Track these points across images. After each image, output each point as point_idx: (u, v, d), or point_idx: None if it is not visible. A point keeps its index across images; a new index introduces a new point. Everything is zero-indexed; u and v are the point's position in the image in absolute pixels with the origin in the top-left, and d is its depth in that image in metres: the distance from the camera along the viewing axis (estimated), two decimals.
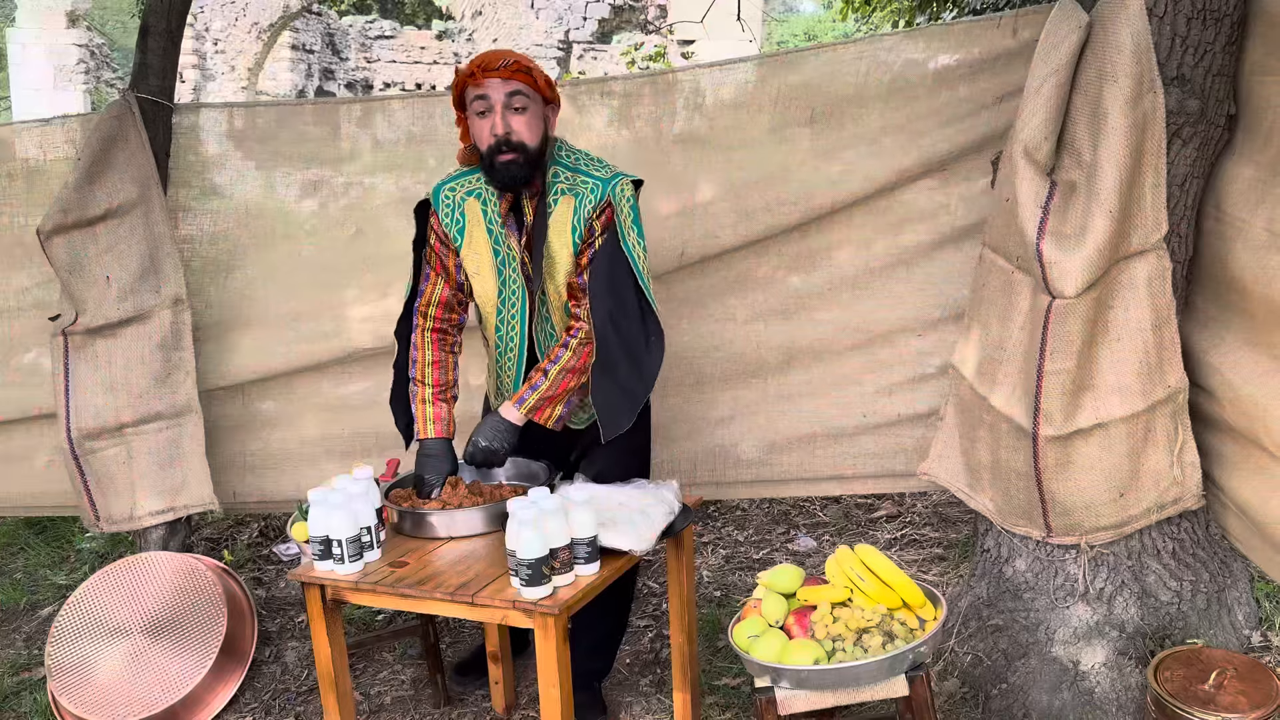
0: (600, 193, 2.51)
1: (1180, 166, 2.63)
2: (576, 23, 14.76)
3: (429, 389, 2.67)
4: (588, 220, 2.52)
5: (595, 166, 2.58)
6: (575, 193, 2.54)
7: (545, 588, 2.17)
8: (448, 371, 2.70)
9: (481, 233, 2.60)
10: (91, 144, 3.30)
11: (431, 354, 2.68)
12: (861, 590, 2.32)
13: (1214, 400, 2.71)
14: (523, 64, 2.47)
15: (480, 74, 2.45)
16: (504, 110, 2.45)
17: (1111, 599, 2.79)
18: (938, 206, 3.20)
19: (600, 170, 2.57)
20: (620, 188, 2.54)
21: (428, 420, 2.65)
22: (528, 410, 2.55)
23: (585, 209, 2.52)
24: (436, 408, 2.66)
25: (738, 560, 3.87)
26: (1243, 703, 2.30)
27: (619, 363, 2.48)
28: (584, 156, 2.61)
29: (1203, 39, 2.54)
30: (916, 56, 3.10)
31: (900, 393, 3.33)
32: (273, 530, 4.33)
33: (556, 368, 2.54)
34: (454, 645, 3.44)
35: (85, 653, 3.14)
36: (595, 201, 2.51)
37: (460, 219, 2.61)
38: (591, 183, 2.53)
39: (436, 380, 2.67)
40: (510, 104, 2.45)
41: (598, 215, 2.52)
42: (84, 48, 14.47)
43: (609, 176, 2.55)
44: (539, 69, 2.50)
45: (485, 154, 2.50)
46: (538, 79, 2.48)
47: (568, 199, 2.54)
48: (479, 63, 2.47)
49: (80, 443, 3.39)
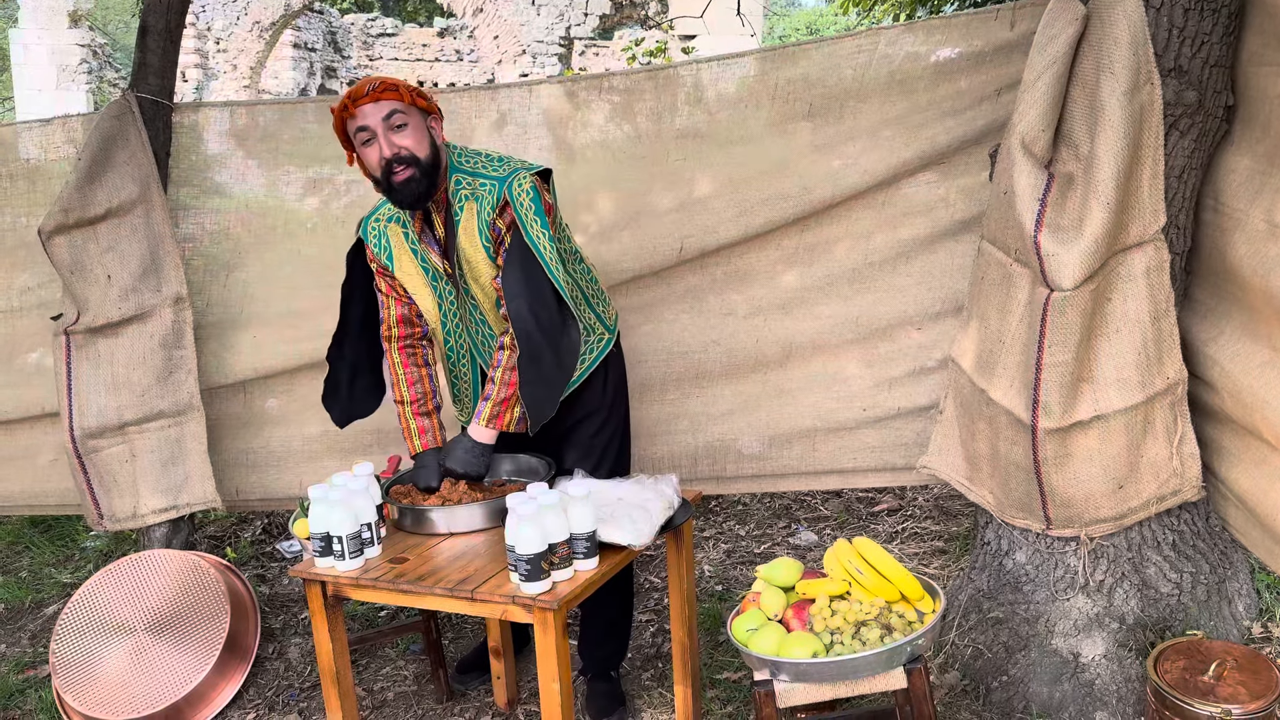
0: (497, 192, 2.54)
1: (1178, 158, 2.63)
2: (577, 19, 14.75)
3: (409, 406, 2.75)
4: (490, 222, 2.55)
5: (493, 166, 2.59)
6: (476, 197, 2.56)
7: (544, 583, 2.18)
8: (424, 384, 2.76)
9: (406, 254, 2.67)
10: (92, 144, 3.32)
11: (404, 372, 2.76)
12: (859, 583, 2.33)
13: (1213, 392, 2.70)
14: (388, 83, 2.47)
15: (352, 105, 2.48)
16: (385, 132, 2.48)
17: (1111, 591, 2.79)
18: (937, 200, 3.20)
19: (497, 169, 2.58)
20: (515, 184, 2.54)
21: (413, 435, 2.74)
22: (487, 421, 2.59)
23: (486, 211, 2.55)
24: (419, 421, 2.74)
25: (739, 554, 3.87)
26: (1242, 694, 2.31)
27: (543, 353, 2.51)
28: (482, 158, 2.62)
29: (1200, 30, 2.54)
30: (916, 49, 3.09)
31: (900, 386, 3.33)
32: (275, 527, 4.35)
33: (500, 370, 2.58)
34: (456, 641, 3.45)
35: (89, 650, 3.16)
36: (494, 202, 2.54)
37: (386, 246, 2.68)
38: (490, 184, 2.56)
39: (414, 396, 2.75)
40: (390, 124, 2.47)
41: (499, 214, 2.55)
42: (86, 48, 14.48)
43: (505, 174, 2.56)
44: (405, 84, 2.51)
45: (381, 178, 2.52)
46: (406, 93, 2.49)
47: (470, 204, 2.57)
48: (349, 95, 2.49)
49: (83, 441, 3.40)
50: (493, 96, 3.44)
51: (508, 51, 15.02)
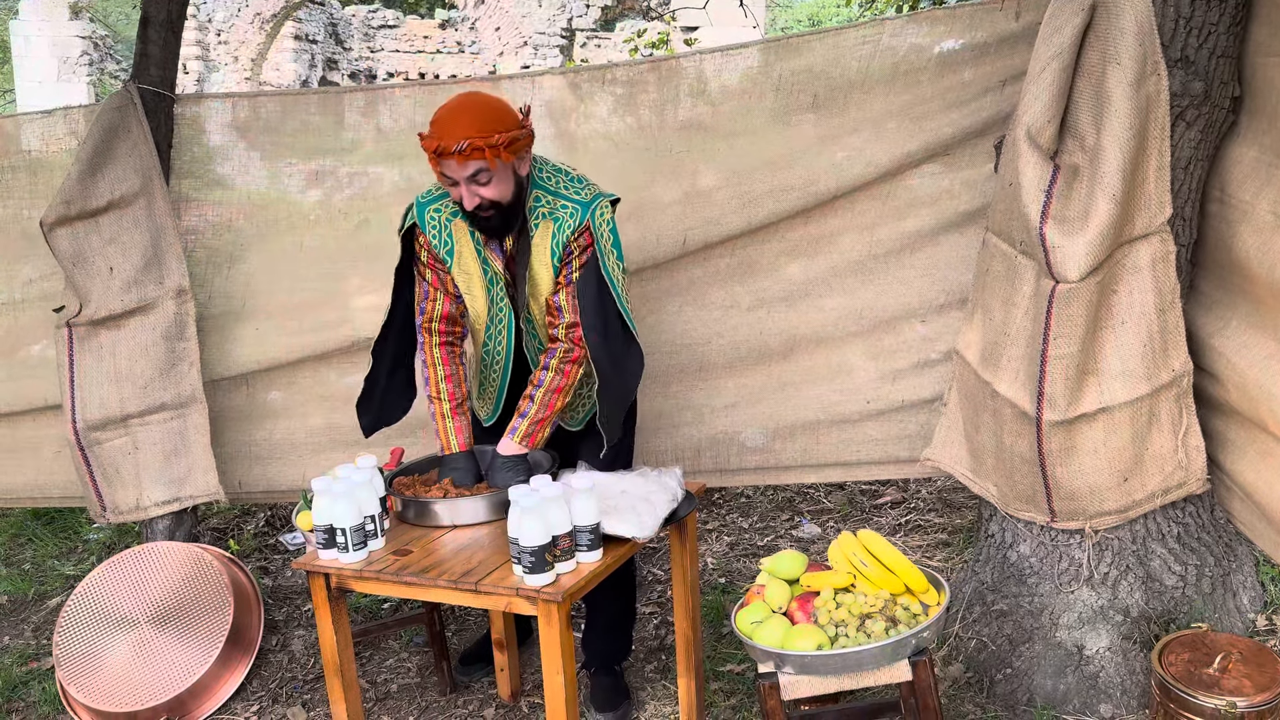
0: (579, 217, 2.52)
1: (1184, 149, 2.62)
2: (579, 10, 14.70)
3: (446, 404, 2.68)
4: (566, 244, 2.53)
5: (574, 188, 2.57)
6: (554, 217, 2.54)
7: (548, 575, 2.17)
8: (460, 385, 2.71)
9: (470, 253, 2.63)
10: (93, 135, 3.31)
11: (443, 369, 2.70)
12: (864, 576, 2.32)
13: (1218, 384, 2.70)
14: (476, 144, 2.35)
15: (436, 159, 2.41)
16: (468, 185, 2.43)
17: (1116, 583, 2.78)
18: (941, 191, 3.19)
19: (579, 192, 2.56)
20: (599, 211, 2.54)
21: (450, 434, 2.67)
22: (521, 438, 2.58)
23: (565, 233, 2.53)
24: (456, 421, 2.68)
25: (742, 547, 3.87)
26: (1247, 686, 2.30)
27: (611, 380, 2.54)
28: (563, 176, 2.59)
29: (1207, 20, 2.53)
30: (920, 41, 3.08)
31: (904, 379, 3.33)
32: (279, 520, 4.35)
33: (542, 390, 2.57)
34: (460, 633, 3.45)
35: (93, 642, 3.16)
36: (575, 226, 2.52)
37: (448, 240, 2.63)
38: (571, 207, 2.54)
39: (452, 395, 2.69)
40: (474, 179, 2.42)
41: (576, 238, 2.53)
42: (87, 39, 14.46)
43: (589, 200, 2.55)
44: (494, 142, 2.36)
45: (463, 213, 2.50)
46: (493, 155, 2.37)
47: (547, 223, 2.55)
48: (434, 145, 2.38)
49: (86, 434, 3.40)
50: (495, 88, 3.42)
51: (509, 43, 14.99)
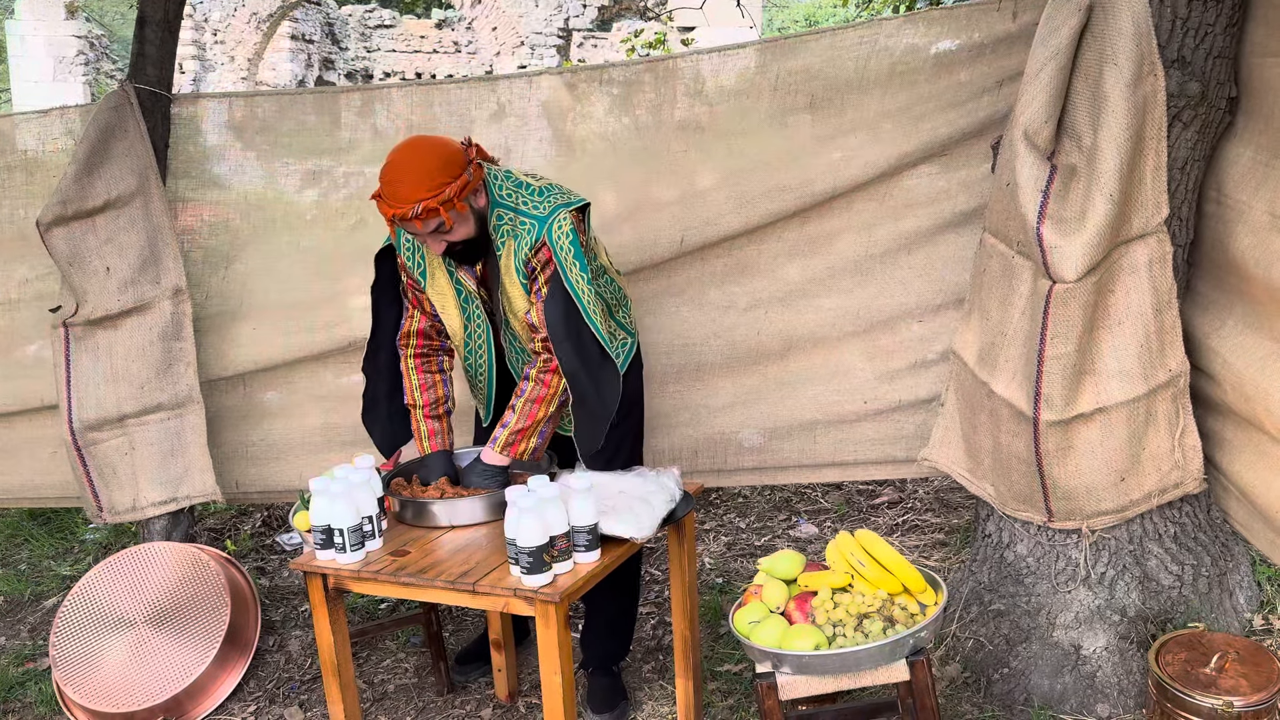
0: (536, 233, 2.52)
1: (1181, 149, 2.62)
2: (576, 10, 14.69)
3: (420, 409, 2.77)
4: (527, 260, 2.54)
5: (533, 202, 2.56)
6: (515, 235, 2.55)
7: (545, 575, 2.17)
8: (436, 389, 2.78)
9: (441, 273, 2.67)
10: (90, 135, 3.30)
11: (417, 379, 2.77)
12: (862, 575, 2.33)
13: (1215, 384, 2.70)
14: (430, 205, 2.37)
15: (395, 224, 2.48)
16: (433, 238, 2.48)
17: (1113, 583, 2.79)
18: (938, 192, 3.19)
19: (538, 206, 2.55)
20: (555, 227, 2.52)
21: (423, 437, 2.77)
22: (502, 448, 2.61)
23: (524, 250, 2.54)
24: (429, 424, 2.76)
25: (739, 547, 3.87)
26: (1244, 686, 2.31)
27: (588, 394, 2.57)
28: (524, 192, 2.57)
29: (1204, 21, 2.53)
30: (917, 41, 3.08)
31: (901, 379, 3.33)
32: (276, 520, 4.34)
33: (523, 400, 2.60)
34: (457, 633, 3.45)
35: (90, 643, 3.16)
36: (532, 242, 2.53)
37: (421, 261, 2.68)
38: (529, 223, 2.54)
39: (426, 401, 2.77)
40: (437, 232, 2.46)
41: (535, 254, 2.53)
42: (83, 39, 14.44)
43: (546, 214, 2.53)
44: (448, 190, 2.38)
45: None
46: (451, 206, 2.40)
47: (510, 242, 2.56)
48: (389, 213, 2.42)
49: (82, 434, 3.39)
50: (492, 88, 3.42)
51: (506, 43, 14.98)
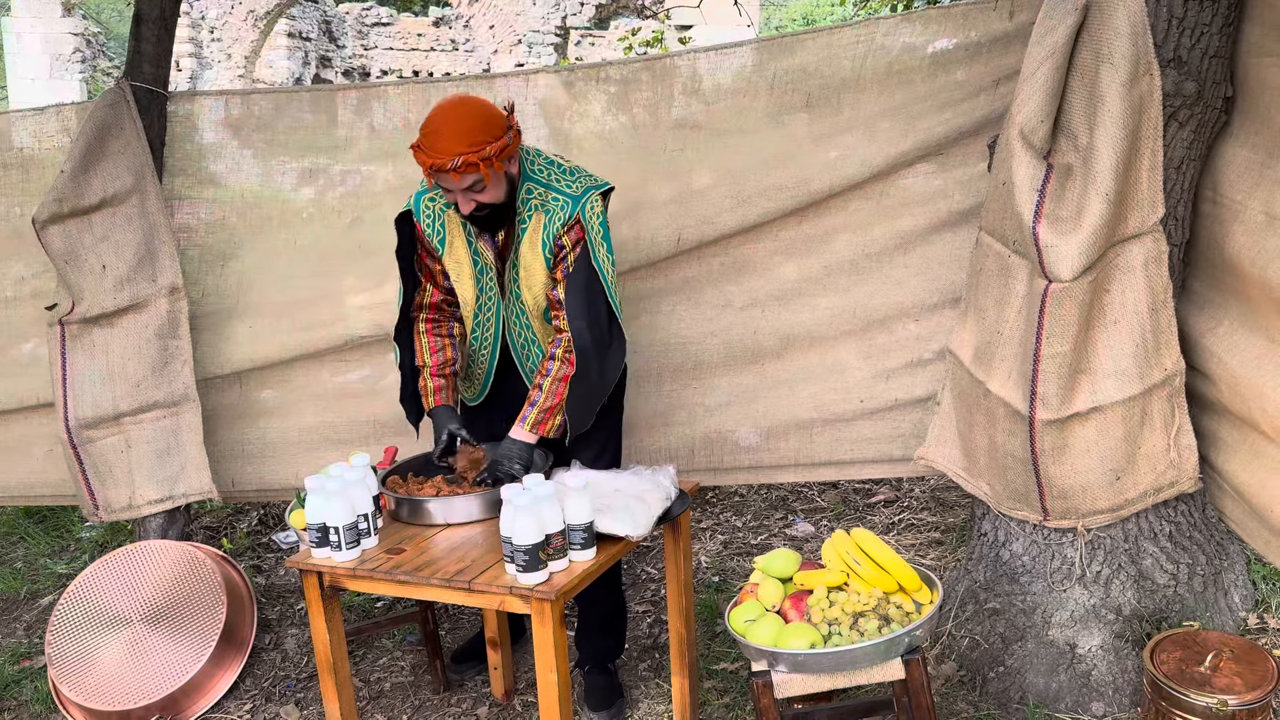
0: (570, 210, 2.57)
1: (1177, 149, 2.63)
2: (573, 8, 14.69)
3: (428, 369, 2.82)
4: (556, 236, 2.59)
5: (566, 180, 2.62)
6: (546, 209, 2.59)
7: (541, 573, 2.18)
8: (445, 351, 2.83)
9: (461, 242, 2.70)
10: (86, 133, 3.30)
11: (427, 342, 2.82)
12: (858, 574, 2.33)
13: (1210, 383, 2.71)
14: (470, 159, 2.39)
15: (431, 175, 2.48)
16: (464, 194, 2.50)
17: (1108, 582, 2.79)
18: (935, 191, 3.19)
19: (571, 185, 2.61)
20: (589, 205, 2.59)
21: (429, 394, 2.81)
22: (531, 426, 2.64)
23: (555, 225, 2.58)
24: (435, 381, 2.81)
25: (735, 545, 3.88)
26: (1238, 684, 2.31)
27: (591, 369, 2.60)
28: (555, 169, 2.64)
29: (1200, 20, 2.53)
30: (913, 40, 3.08)
31: (897, 378, 3.33)
32: (272, 518, 4.34)
33: (550, 379, 2.63)
34: (453, 631, 3.45)
35: (86, 641, 3.15)
36: (565, 219, 2.57)
37: (441, 229, 2.71)
38: (562, 199, 2.59)
39: (435, 362, 2.81)
40: (470, 189, 2.49)
41: (567, 231, 2.58)
42: (80, 36, 14.42)
43: (579, 193, 2.59)
44: (490, 148, 2.42)
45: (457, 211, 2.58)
46: (490, 164, 2.43)
47: (538, 215, 2.60)
48: (428, 163, 2.43)
49: (78, 432, 3.39)
50: (489, 86, 3.42)
51: (503, 41, 14.98)
